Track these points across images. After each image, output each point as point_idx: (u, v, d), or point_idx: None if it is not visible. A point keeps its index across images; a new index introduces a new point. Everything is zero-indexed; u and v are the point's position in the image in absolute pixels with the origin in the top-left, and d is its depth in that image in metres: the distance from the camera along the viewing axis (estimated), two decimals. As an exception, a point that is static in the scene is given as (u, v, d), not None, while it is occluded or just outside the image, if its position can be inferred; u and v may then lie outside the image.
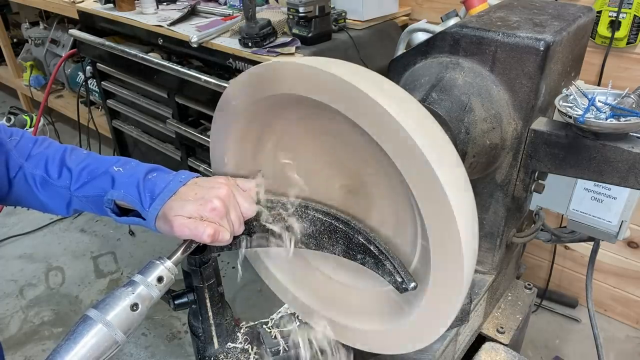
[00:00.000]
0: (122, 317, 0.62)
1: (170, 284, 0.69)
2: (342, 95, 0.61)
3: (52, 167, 0.81)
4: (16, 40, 4.04)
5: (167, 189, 0.72)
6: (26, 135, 0.87)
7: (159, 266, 0.68)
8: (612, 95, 0.89)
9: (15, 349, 2.18)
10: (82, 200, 0.80)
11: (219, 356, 0.87)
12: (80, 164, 0.81)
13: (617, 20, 1.66)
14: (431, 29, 1.30)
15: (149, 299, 0.66)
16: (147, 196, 0.72)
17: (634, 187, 0.87)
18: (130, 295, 0.64)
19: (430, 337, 0.71)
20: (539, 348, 2.06)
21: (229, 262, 2.56)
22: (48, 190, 0.82)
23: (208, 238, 0.68)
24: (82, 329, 0.60)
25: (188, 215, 0.69)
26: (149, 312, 0.67)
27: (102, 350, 0.60)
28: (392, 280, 0.71)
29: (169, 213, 0.69)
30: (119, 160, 0.80)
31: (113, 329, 0.61)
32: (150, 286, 0.66)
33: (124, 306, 0.63)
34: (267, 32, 1.81)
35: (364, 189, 0.77)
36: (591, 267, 1.15)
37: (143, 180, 0.73)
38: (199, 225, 0.68)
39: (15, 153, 0.83)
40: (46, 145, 0.86)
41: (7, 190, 0.84)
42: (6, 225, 2.95)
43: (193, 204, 0.69)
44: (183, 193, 0.71)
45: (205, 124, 2.33)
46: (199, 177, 0.75)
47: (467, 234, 0.61)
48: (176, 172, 0.76)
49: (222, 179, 0.75)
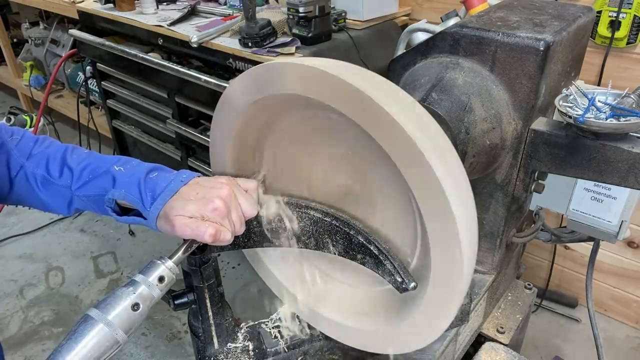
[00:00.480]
0: (124, 317, 0.62)
1: (171, 284, 0.69)
2: (356, 106, 0.61)
3: (53, 166, 0.81)
4: (16, 40, 4.04)
5: (168, 188, 0.72)
6: (27, 135, 0.86)
7: (160, 266, 0.68)
8: (612, 95, 0.89)
9: (15, 349, 2.17)
10: (83, 200, 0.80)
11: (219, 356, 0.87)
12: (81, 163, 0.81)
13: (617, 20, 1.66)
14: (431, 29, 1.30)
15: (150, 299, 0.66)
16: (148, 195, 0.72)
17: (634, 187, 0.87)
18: (132, 295, 0.64)
19: (430, 337, 0.71)
20: (539, 348, 2.06)
21: (229, 262, 2.56)
22: (49, 189, 0.82)
23: (209, 238, 0.68)
24: (83, 328, 0.60)
25: (189, 215, 0.69)
26: (149, 312, 0.67)
27: (104, 350, 0.60)
28: (392, 280, 0.71)
29: (170, 213, 0.70)
30: (119, 159, 0.80)
31: (114, 329, 0.61)
32: (152, 286, 0.66)
33: (125, 306, 0.63)
34: (267, 32, 1.81)
35: (364, 189, 0.77)
36: (591, 267, 1.15)
37: (144, 180, 0.73)
38: (200, 225, 0.68)
39: (17, 152, 0.83)
40: (47, 145, 0.86)
41: (8, 190, 0.84)
42: (6, 225, 2.95)
43: (194, 203, 0.69)
44: (184, 193, 0.71)
45: (205, 124, 2.33)
46: (200, 177, 0.75)
47: (467, 234, 0.61)
48: (177, 172, 0.76)
49: (223, 179, 0.75)
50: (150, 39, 2.25)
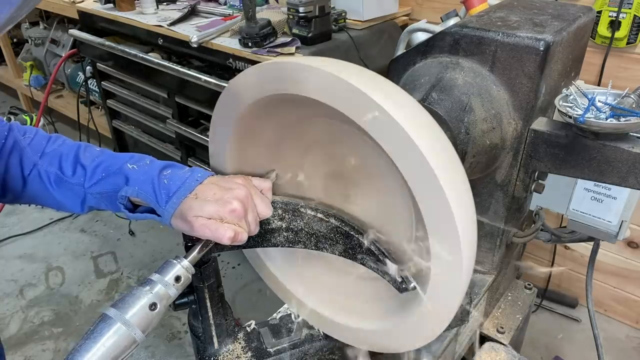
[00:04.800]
0: (141, 316, 0.62)
1: (187, 284, 0.70)
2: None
3: (66, 164, 0.81)
4: (16, 40, 4.04)
5: (183, 186, 0.72)
6: (40, 133, 0.86)
7: (176, 265, 0.68)
8: (612, 95, 0.89)
9: (15, 349, 2.17)
10: (96, 197, 0.80)
11: (219, 356, 0.87)
12: (94, 161, 0.80)
13: (617, 20, 1.66)
14: (431, 29, 1.30)
15: (167, 298, 0.66)
16: (162, 193, 0.72)
17: (634, 187, 0.87)
18: (149, 295, 0.64)
19: (430, 336, 0.71)
20: (539, 348, 2.06)
21: (229, 262, 2.56)
22: (62, 188, 0.81)
23: (228, 240, 0.68)
24: (101, 327, 0.60)
25: (208, 216, 0.69)
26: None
27: (122, 350, 0.60)
28: (392, 280, 0.71)
29: (188, 213, 0.70)
30: (132, 156, 0.80)
31: (132, 328, 0.61)
32: (168, 285, 0.66)
33: (143, 305, 0.63)
34: (267, 32, 1.81)
35: (365, 189, 0.77)
36: (591, 267, 1.15)
37: (158, 178, 0.73)
38: (219, 228, 0.68)
39: (30, 151, 0.83)
40: (60, 143, 0.85)
41: (21, 189, 0.83)
42: (6, 225, 2.95)
43: (213, 204, 0.69)
44: (201, 192, 0.71)
45: (205, 124, 2.33)
46: (215, 176, 0.75)
47: (467, 233, 0.61)
48: (190, 169, 0.76)
49: (240, 180, 0.75)
50: (150, 39, 2.25)
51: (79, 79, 3.25)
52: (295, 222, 0.78)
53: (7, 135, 0.82)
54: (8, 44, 3.86)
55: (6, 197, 0.84)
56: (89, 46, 2.60)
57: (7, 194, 0.83)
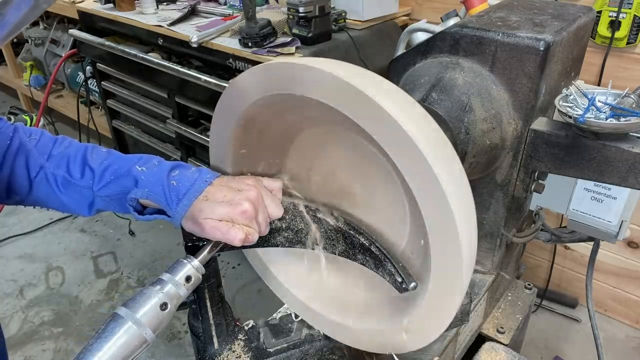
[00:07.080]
0: (152, 316, 0.62)
1: (197, 284, 0.70)
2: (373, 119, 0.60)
3: (74, 167, 0.80)
4: (16, 40, 4.03)
5: (193, 188, 0.71)
6: (45, 134, 0.85)
7: (187, 265, 0.68)
8: (612, 95, 0.89)
9: (15, 349, 2.17)
10: (105, 200, 0.79)
11: (219, 356, 0.87)
12: (102, 164, 0.79)
13: (617, 20, 1.66)
14: (431, 29, 1.30)
15: (177, 298, 0.66)
16: (172, 195, 0.71)
17: (634, 187, 0.87)
18: (160, 294, 0.64)
19: (430, 336, 0.71)
20: (539, 348, 2.06)
21: (229, 262, 2.56)
22: (70, 190, 0.80)
23: (240, 242, 0.68)
24: (112, 326, 0.60)
25: (219, 218, 0.69)
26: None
27: (132, 349, 0.60)
28: (392, 280, 0.71)
29: (198, 215, 0.69)
30: (141, 158, 0.79)
31: (143, 327, 0.61)
32: (179, 285, 0.66)
33: (153, 304, 0.63)
34: (267, 32, 1.81)
35: (364, 189, 0.77)
36: (591, 267, 1.15)
37: (167, 179, 0.73)
38: (231, 230, 0.68)
39: (36, 153, 0.81)
40: (67, 145, 0.84)
41: (27, 191, 0.82)
42: (6, 225, 2.95)
43: (223, 206, 0.69)
44: (211, 194, 0.71)
45: (205, 124, 2.33)
46: (224, 177, 0.75)
47: (467, 234, 0.61)
48: (197, 169, 0.75)
49: (250, 180, 0.74)
50: (150, 39, 2.25)
51: (79, 79, 3.25)
52: (295, 222, 0.78)
53: (12, 137, 0.80)
54: (8, 44, 3.85)
55: (11, 199, 0.83)
56: (89, 46, 2.60)
57: (13, 196, 0.82)
